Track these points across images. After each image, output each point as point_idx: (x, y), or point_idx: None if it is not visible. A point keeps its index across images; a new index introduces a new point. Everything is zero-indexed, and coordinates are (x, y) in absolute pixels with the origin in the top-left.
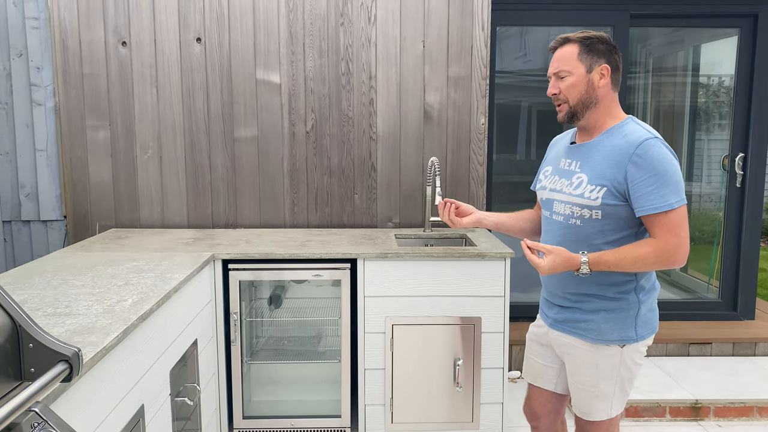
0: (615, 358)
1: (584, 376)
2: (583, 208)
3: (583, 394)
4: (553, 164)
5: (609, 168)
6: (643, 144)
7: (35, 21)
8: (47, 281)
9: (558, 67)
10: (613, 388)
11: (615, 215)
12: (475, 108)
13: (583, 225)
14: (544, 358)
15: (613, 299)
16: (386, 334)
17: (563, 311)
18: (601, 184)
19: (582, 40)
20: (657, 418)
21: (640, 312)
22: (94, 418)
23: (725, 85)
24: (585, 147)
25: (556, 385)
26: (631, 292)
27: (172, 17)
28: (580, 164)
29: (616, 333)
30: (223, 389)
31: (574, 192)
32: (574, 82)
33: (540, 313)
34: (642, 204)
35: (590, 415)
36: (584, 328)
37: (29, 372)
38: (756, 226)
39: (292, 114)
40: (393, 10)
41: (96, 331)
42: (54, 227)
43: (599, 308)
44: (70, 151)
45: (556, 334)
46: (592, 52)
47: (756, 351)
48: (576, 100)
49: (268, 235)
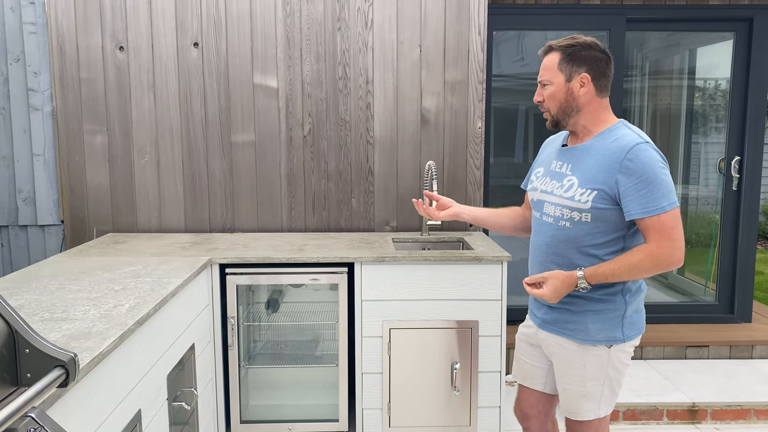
0: (602, 358)
1: (572, 376)
2: (573, 211)
3: (571, 394)
4: (544, 165)
5: (600, 172)
6: (633, 149)
7: (33, 26)
8: (44, 286)
9: (541, 75)
10: (601, 388)
11: (604, 218)
12: (472, 112)
13: (573, 227)
14: (534, 359)
15: (601, 300)
16: (384, 338)
17: (551, 311)
18: (592, 188)
19: (564, 48)
20: (654, 422)
21: (626, 313)
22: (90, 424)
23: (721, 88)
24: (576, 150)
25: (545, 386)
26: (618, 293)
27: (170, 22)
28: (571, 167)
29: (604, 333)
30: (220, 394)
31: (564, 194)
32: (554, 91)
33: (529, 313)
34: (634, 208)
35: (578, 415)
36: (572, 328)
37: (25, 377)
38: (752, 228)
39: (289, 118)
40: (390, 14)
41: (93, 336)
42: (51, 232)
43: (587, 309)
44: (68, 156)
45: (544, 334)
46: (573, 61)
47: (753, 354)
48: (556, 109)
49: (265, 239)
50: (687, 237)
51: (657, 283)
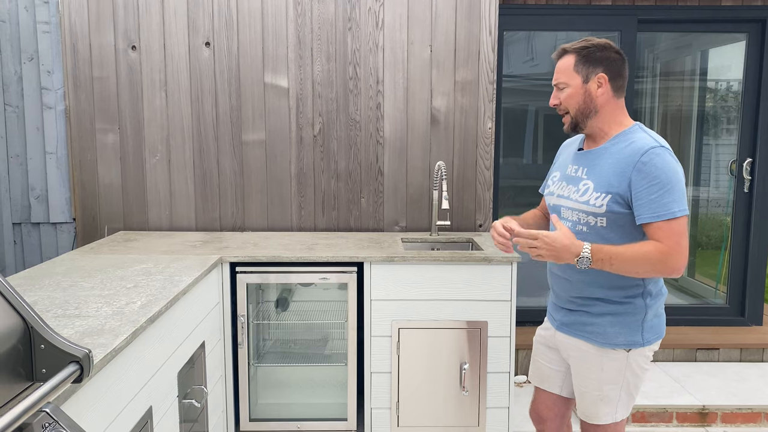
0: (621, 362)
1: (590, 379)
2: (589, 215)
3: (588, 397)
4: (561, 170)
5: (614, 175)
6: (648, 152)
7: (46, 25)
8: (57, 283)
9: (557, 78)
10: (619, 392)
11: (619, 223)
12: (482, 112)
13: (589, 232)
14: (551, 361)
15: (620, 303)
16: (393, 338)
17: (570, 314)
18: (607, 191)
19: (579, 51)
20: (664, 424)
21: (646, 317)
22: (103, 419)
23: (733, 89)
24: (591, 154)
25: (561, 389)
26: (639, 296)
27: (182, 21)
28: (587, 171)
29: (623, 337)
30: (230, 391)
31: (580, 198)
32: (572, 93)
33: (548, 315)
34: (644, 212)
35: (595, 419)
36: (590, 331)
37: (41, 373)
38: (764, 231)
39: (299, 118)
40: (400, 14)
41: (105, 332)
42: (63, 230)
43: (606, 312)
44: (80, 154)
45: (562, 336)
46: (588, 62)
47: (763, 357)
48: (575, 111)
49: (275, 239)
50: (698, 239)
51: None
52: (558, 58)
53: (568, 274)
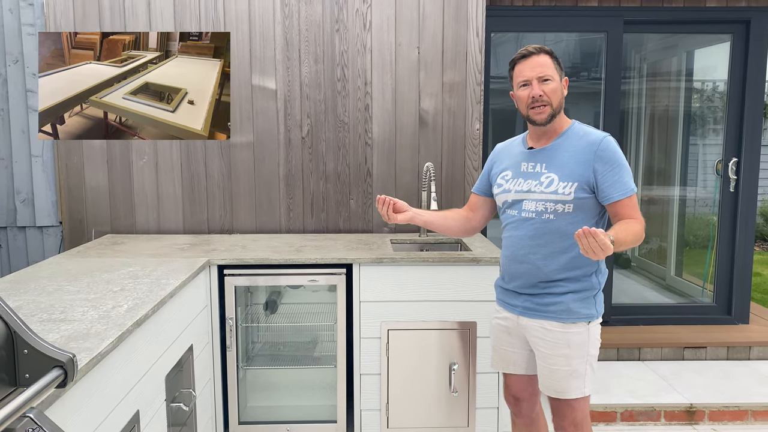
0: (583, 335)
1: (558, 356)
2: (557, 203)
3: (557, 374)
4: (513, 169)
5: (577, 165)
6: (602, 141)
7: (31, 27)
8: (42, 287)
9: (542, 71)
10: (585, 366)
11: (584, 207)
12: (470, 113)
13: (556, 219)
14: (514, 346)
15: (578, 280)
16: (382, 339)
17: (533, 298)
18: (573, 180)
19: (552, 53)
20: (652, 422)
21: (598, 292)
22: (89, 424)
23: (719, 90)
24: (547, 150)
25: (527, 369)
26: (593, 274)
27: (168, 23)
28: (546, 166)
29: (584, 311)
30: (218, 395)
31: (546, 190)
32: (555, 87)
33: (501, 304)
34: (611, 193)
35: (566, 394)
36: (555, 310)
37: (24, 378)
38: (750, 230)
39: (287, 119)
40: (388, 16)
41: (91, 336)
42: (50, 233)
43: (568, 290)
44: (66, 157)
45: (527, 320)
46: (559, 65)
47: (750, 355)
48: (556, 104)
49: (263, 241)
50: (686, 238)
51: (654, 284)
52: (536, 54)
53: (542, 263)
